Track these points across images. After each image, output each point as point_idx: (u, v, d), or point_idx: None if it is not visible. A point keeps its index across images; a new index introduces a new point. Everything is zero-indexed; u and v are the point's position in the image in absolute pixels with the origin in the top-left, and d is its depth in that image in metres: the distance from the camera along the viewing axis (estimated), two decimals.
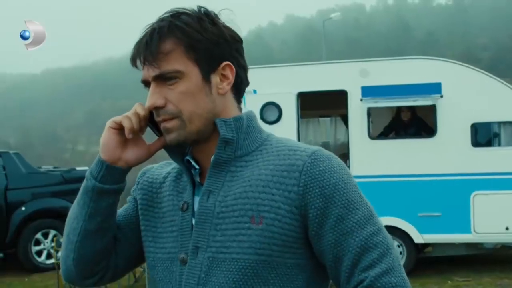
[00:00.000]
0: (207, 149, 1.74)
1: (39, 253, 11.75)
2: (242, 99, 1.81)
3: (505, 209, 9.57)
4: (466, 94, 9.86)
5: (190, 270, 1.68)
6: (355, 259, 1.62)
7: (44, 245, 11.73)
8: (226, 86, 1.72)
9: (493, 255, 11.00)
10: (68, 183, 12.30)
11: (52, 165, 15.87)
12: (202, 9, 1.73)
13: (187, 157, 1.77)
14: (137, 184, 1.91)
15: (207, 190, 1.71)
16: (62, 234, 10.66)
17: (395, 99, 10.23)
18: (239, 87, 1.77)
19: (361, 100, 10.13)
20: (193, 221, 1.71)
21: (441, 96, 9.83)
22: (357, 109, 10.19)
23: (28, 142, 61.23)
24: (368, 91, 10.10)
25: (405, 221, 9.77)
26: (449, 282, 9.46)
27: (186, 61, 1.67)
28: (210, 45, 1.68)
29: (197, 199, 1.74)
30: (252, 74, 1.84)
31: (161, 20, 1.70)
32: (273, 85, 10.28)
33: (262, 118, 10.03)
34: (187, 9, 1.72)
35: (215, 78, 1.70)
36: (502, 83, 9.94)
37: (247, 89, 1.83)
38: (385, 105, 10.45)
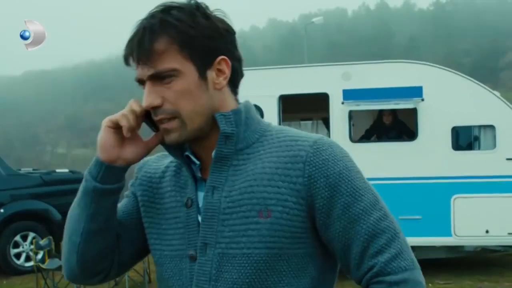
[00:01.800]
0: (207, 144, 1.71)
1: (18, 255, 11.64)
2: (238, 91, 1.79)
3: (485, 212, 9.62)
4: (447, 98, 9.90)
5: (201, 267, 1.67)
6: (364, 246, 1.62)
7: (23, 247, 11.63)
8: (223, 81, 1.69)
9: (474, 258, 11.05)
10: (47, 185, 12.23)
11: (32, 168, 15.74)
12: (192, 1, 1.69)
13: (187, 153, 1.75)
14: (136, 180, 1.88)
15: (211, 186, 1.69)
16: (41, 237, 10.62)
17: (376, 102, 10.25)
18: (235, 79, 1.74)
19: (342, 103, 10.13)
20: (199, 218, 1.70)
21: (422, 100, 9.86)
22: (338, 112, 10.19)
23: (8, 144, 60.82)
24: (349, 94, 10.10)
25: None
26: (430, 285, 9.47)
27: (181, 58, 1.64)
28: (204, 41, 1.65)
29: (200, 194, 1.72)
30: None
31: (152, 16, 1.66)
32: (255, 87, 10.20)
33: None
34: (177, 3, 1.68)
35: (211, 74, 1.67)
36: (482, 86, 9.99)
37: None
38: (366, 108, 10.47)
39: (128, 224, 1.84)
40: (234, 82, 1.74)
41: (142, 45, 1.63)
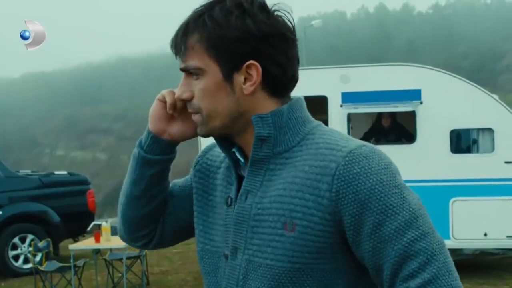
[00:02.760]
0: (248, 142, 1.65)
1: (16, 257, 11.61)
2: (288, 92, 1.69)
3: (484, 215, 9.62)
4: (445, 101, 9.90)
5: (231, 271, 1.65)
6: (395, 268, 1.50)
7: (21, 249, 11.60)
8: (250, 87, 1.60)
9: (472, 261, 11.04)
10: (46, 187, 12.20)
11: (31, 169, 15.73)
12: None
13: (234, 149, 1.69)
14: (196, 165, 1.86)
15: (245, 190, 1.64)
16: (39, 239, 10.62)
17: (375, 105, 10.25)
18: (274, 84, 1.62)
19: (341, 106, 10.13)
20: None
21: (421, 103, 9.86)
22: (337, 115, 10.19)
23: (7, 146, 60.78)
24: (348, 97, 10.11)
25: None
26: None
27: (207, 58, 1.60)
28: (232, 44, 1.58)
29: None
30: None
31: (196, 10, 1.64)
32: None
33: None
34: None
35: (239, 78, 1.60)
36: (481, 89, 10.00)
37: None
38: (365, 111, 10.48)
39: (179, 199, 1.85)
40: (274, 86, 1.63)
41: (177, 38, 1.64)
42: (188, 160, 2.01)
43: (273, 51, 1.60)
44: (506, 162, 9.67)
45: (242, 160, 1.68)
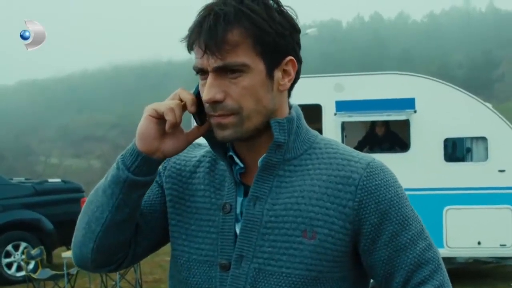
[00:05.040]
0: (256, 147, 1.62)
1: (9, 265, 11.58)
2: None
3: (477, 224, 9.64)
4: (439, 110, 9.94)
5: (234, 280, 1.59)
6: (408, 275, 1.59)
7: (14, 257, 11.56)
8: (288, 82, 1.60)
9: (466, 270, 11.05)
10: (39, 195, 12.19)
11: (24, 177, 15.70)
12: None
13: (231, 153, 1.64)
14: (164, 170, 1.75)
15: (254, 196, 1.60)
16: (33, 247, 10.56)
17: (369, 113, 10.28)
18: (295, 82, 1.64)
19: (335, 114, 10.16)
20: (236, 227, 1.62)
21: (415, 111, 9.90)
22: (331, 123, 10.21)
23: (0, 154, 60.61)
24: (342, 106, 10.14)
25: None
26: None
27: (252, 54, 1.53)
28: (276, 38, 1.55)
29: (239, 200, 1.63)
30: None
31: (224, 3, 1.53)
32: None
33: None
34: None
35: (277, 74, 1.58)
36: (475, 98, 10.04)
37: None
38: (359, 119, 10.51)
39: (148, 215, 1.72)
40: (293, 85, 1.65)
41: (214, 33, 1.51)
42: None
43: (298, 47, 1.63)
44: (499, 171, 9.71)
45: (242, 165, 1.64)
